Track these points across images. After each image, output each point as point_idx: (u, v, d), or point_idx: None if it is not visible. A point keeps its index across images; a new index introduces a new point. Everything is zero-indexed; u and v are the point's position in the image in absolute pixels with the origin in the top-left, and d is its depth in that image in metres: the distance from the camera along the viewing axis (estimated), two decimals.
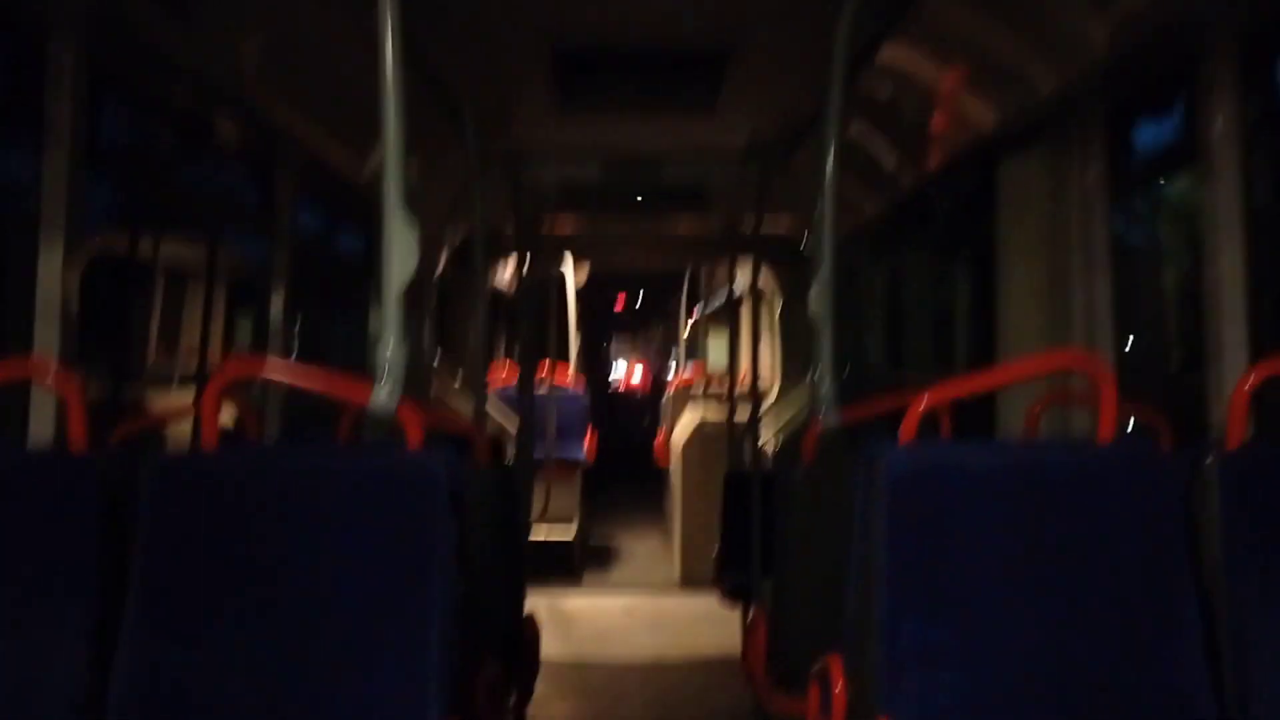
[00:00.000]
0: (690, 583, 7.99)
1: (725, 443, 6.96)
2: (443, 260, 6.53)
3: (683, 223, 7.37)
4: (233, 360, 4.63)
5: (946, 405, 3.21)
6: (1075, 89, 3.10)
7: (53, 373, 2.34)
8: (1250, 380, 2.16)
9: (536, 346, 7.44)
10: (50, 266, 2.67)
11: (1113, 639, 2.09)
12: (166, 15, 2.74)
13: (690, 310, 12.69)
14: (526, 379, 6.07)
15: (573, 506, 8.70)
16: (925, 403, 2.24)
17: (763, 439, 5.97)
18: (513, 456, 5.52)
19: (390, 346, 2.16)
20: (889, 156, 4.73)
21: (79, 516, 2.11)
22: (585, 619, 7.10)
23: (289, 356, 4.32)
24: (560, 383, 9.51)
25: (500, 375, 9.46)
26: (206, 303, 5.18)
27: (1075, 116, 3.47)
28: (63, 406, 2.27)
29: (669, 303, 15.06)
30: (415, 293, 2.18)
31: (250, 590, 2.05)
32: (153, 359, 5.28)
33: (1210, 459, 2.13)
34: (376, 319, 5.49)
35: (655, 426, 10.83)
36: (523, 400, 5.84)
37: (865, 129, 4.68)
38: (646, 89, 4.65)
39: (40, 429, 2.65)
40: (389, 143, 2.16)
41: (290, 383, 2.79)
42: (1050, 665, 2.08)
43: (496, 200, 5.55)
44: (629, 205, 6.59)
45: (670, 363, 16.34)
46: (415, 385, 6.24)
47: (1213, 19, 2.61)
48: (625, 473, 12.69)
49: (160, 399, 4.72)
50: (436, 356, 7.26)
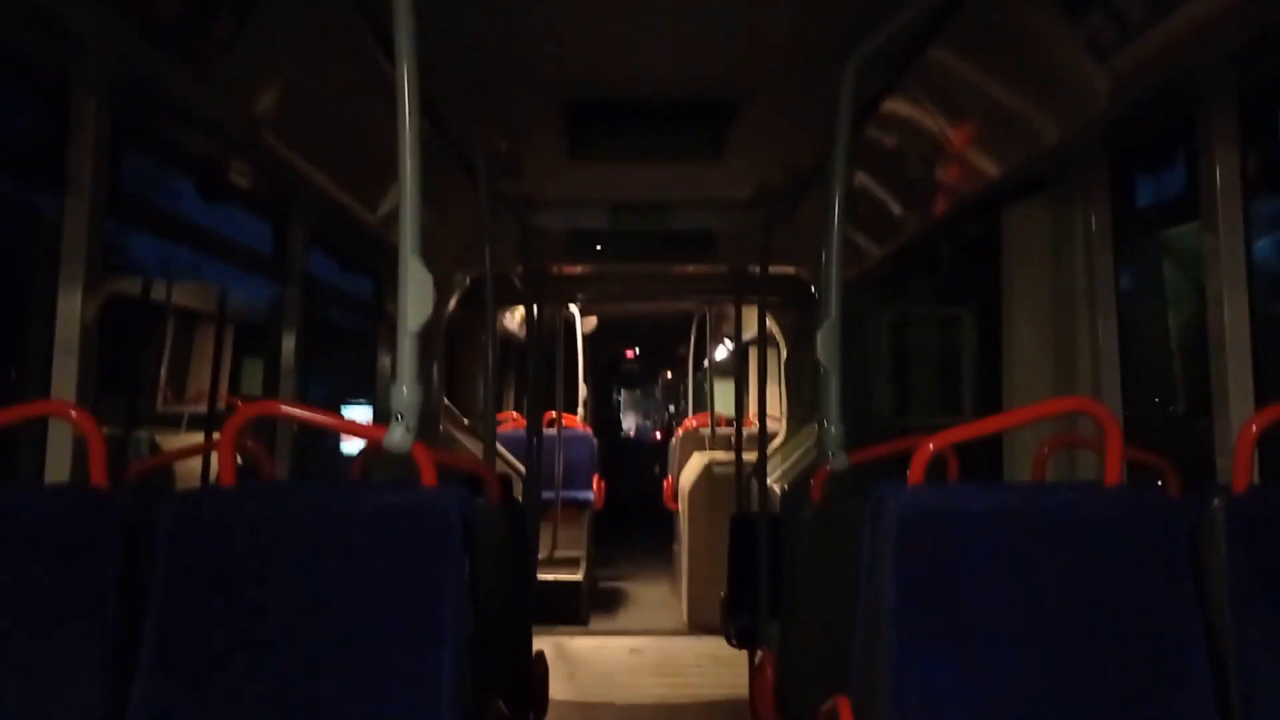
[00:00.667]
0: (697, 626, 7.97)
1: (733, 486, 6.97)
2: (452, 304, 6.58)
3: (690, 270, 7.42)
4: (251, 401, 4.67)
5: (953, 449, 3.23)
6: (1079, 140, 3.15)
7: (74, 411, 2.38)
8: (1255, 425, 2.18)
9: (544, 389, 7.47)
10: (69, 308, 2.72)
11: (1119, 682, 2.10)
12: (187, 69, 2.80)
13: (698, 357, 12.72)
14: (534, 419, 6.09)
15: (580, 548, 8.68)
16: (933, 446, 2.26)
17: (769, 481, 5.99)
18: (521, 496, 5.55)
19: (405, 387, 2.19)
20: (894, 205, 4.78)
21: (98, 552, 2.13)
22: (592, 661, 7.08)
23: (301, 398, 4.35)
24: (568, 423, 9.52)
25: (509, 420, 9.49)
26: (217, 345, 5.23)
27: (1079, 166, 3.51)
28: (80, 444, 2.30)
29: (676, 353, 15.09)
30: (425, 335, 2.22)
31: (265, 625, 2.07)
32: (162, 401, 5.32)
33: (1216, 502, 2.15)
34: (384, 361, 5.56)
35: (664, 473, 10.83)
36: (531, 440, 5.86)
37: (870, 178, 4.73)
38: (655, 138, 4.72)
39: (56, 466, 2.68)
40: (405, 190, 2.21)
41: (307, 423, 2.82)
42: (1056, 708, 2.09)
43: (506, 246, 5.61)
44: (636, 252, 6.65)
45: (677, 409, 16.33)
46: (425, 426, 6.27)
47: (1213, 74, 2.66)
48: (634, 519, 12.67)
49: (171, 440, 4.76)
50: (444, 398, 7.30)
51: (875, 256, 5.39)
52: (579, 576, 8.49)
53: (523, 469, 6.83)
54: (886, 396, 6.56)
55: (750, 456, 6.38)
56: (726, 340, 11.62)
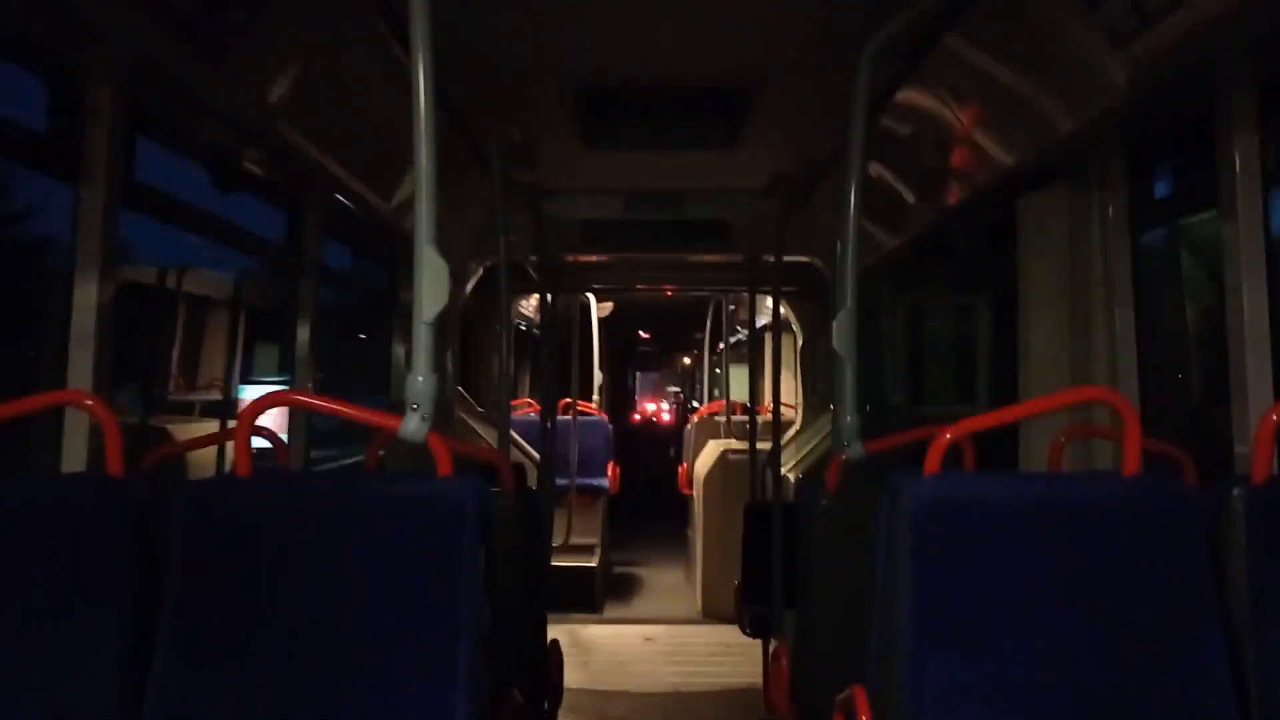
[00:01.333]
0: (712, 614, 7.97)
1: (747, 474, 6.97)
2: (467, 292, 6.59)
3: (705, 257, 7.41)
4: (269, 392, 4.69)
5: (970, 439, 3.22)
6: (1096, 127, 3.12)
7: (90, 400, 2.39)
8: (1276, 414, 2.17)
9: (560, 377, 7.47)
10: (85, 297, 2.73)
11: (1137, 673, 2.09)
12: (201, 58, 2.81)
13: (714, 344, 12.72)
14: (549, 405, 6.09)
15: (595, 534, 8.69)
16: (950, 436, 2.26)
17: (784, 470, 5.97)
18: (536, 483, 5.56)
19: (421, 376, 2.20)
20: (909, 193, 4.76)
21: (114, 541, 2.15)
22: (606, 649, 7.10)
23: (316, 386, 4.37)
24: (584, 409, 9.52)
25: (523, 406, 9.49)
26: (231, 333, 5.25)
27: (1096, 153, 3.49)
28: (96, 433, 2.31)
29: (692, 337, 15.08)
30: (440, 324, 2.22)
31: (280, 615, 2.08)
32: (175, 388, 5.34)
33: (1236, 492, 2.14)
34: (399, 350, 5.57)
35: (679, 459, 10.83)
36: (545, 426, 5.87)
37: (885, 166, 4.72)
38: (669, 126, 4.71)
39: (73, 455, 2.69)
40: (421, 179, 2.21)
41: (323, 412, 2.83)
42: (1074, 698, 2.08)
43: (521, 234, 5.61)
44: (651, 240, 6.64)
45: (693, 395, 16.34)
46: (440, 414, 6.27)
47: (1232, 61, 2.63)
48: (649, 505, 12.69)
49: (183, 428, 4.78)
50: (459, 386, 7.32)
51: (890, 245, 5.37)
52: (594, 563, 8.50)
53: (538, 456, 6.84)
54: (902, 386, 6.55)
55: (765, 444, 6.37)
56: (741, 328, 11.61)
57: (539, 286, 6.34)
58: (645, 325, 17.30)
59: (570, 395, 9.01)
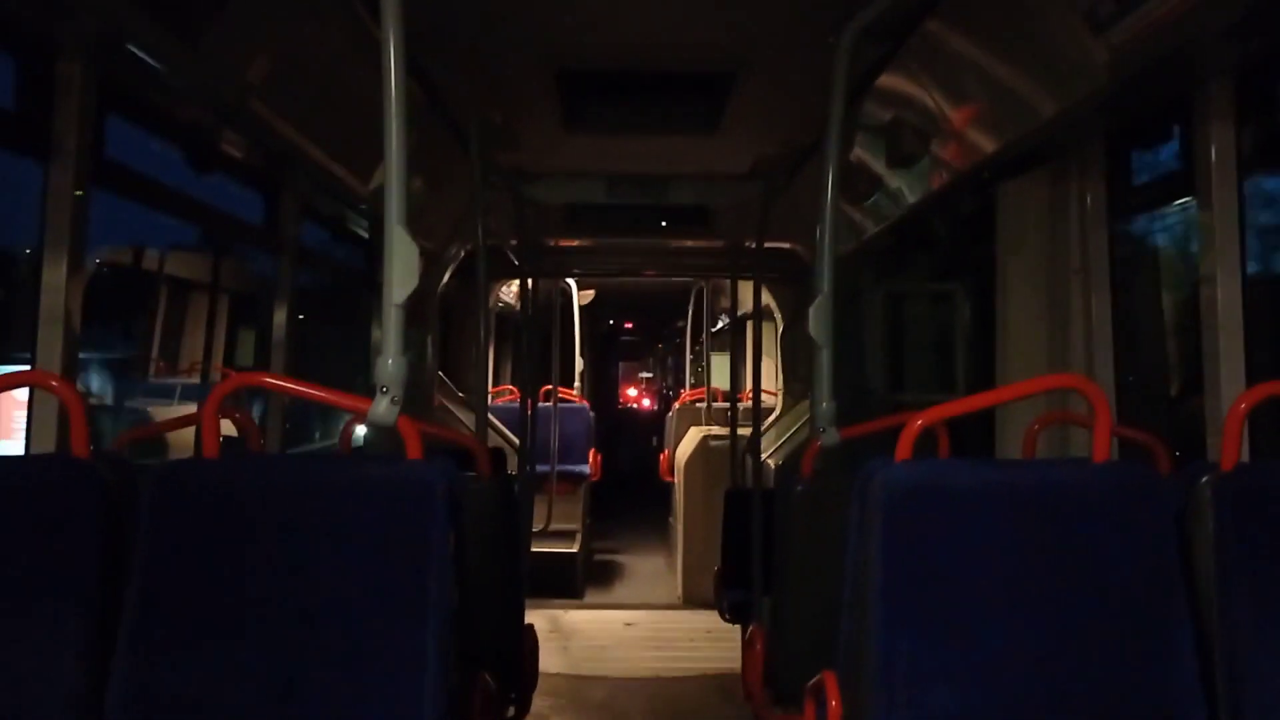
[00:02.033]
0: (692, 599, 7.99)
1: (728, 460, 6.97)
2: (447, 277, 6.56)
3: (687, 243, 7.41)
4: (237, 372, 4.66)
5: (944, 426, 3.23)
6: (1075, 114, 3.12)
7: (55, 381, 2.36)
8: (1245, 403, 2.18)
9: (540, 362, 7.44)
10: (54, 278, 2.70)
11: (1106, 658, 2.10)
12: (173, 36, 2.77)
13: (696, 331, 12.72)
14: (530, 392, 6.08)
15: (576, 521, 8.70)
16: (922, 421, 2.25)
17: (764, 456, 5.97)
18: (515, 469, 5.54)
19: (390, 359, 2.18)
20: (890, 179, 4.76)
21: (79, 521, 2.13)
22: (586, 634, 7.10)
23: (292, 369, 4.34)
24: (565, 395, 9.51)
25: (505, 393, 9.48)
26: (210, 316, 5.22)
27: (1075, 141, 3.49)
28: (64, 414, 2.29)
29: (675, 326, 15.07)
30: (419, 308, 2.20)
31: (248, 597, 2.07)
32: (156, 371, 5.31)
33: (1205, 479, 2.14)
34: (377, 333, 5.54)
35: (661, 447, 10.84)
36: (525, 412, 5.85)
37: (866, 152, 4.71)
38: (650, 110, 4.69)
39: (41, 437, 2.67)
40: (390, 159, 2.19)
41: (292, 394, 2.81)
42: (1043, 683, 2.09)
43: (502, 218, 5.58)
44: (633, 225, 6.62)
45: (675, 381, 16.34)
46: (418, 400, 6.26)
47: (1210, 49, 2.63)
48: (630, 492, 12.69)
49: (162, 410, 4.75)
50: (438, 372, 7.29)
51: (871, 232, 5.37)
52: (574, 549, 8.51)
53: (518, 442, 6.83)
54: (880, 372, 6.55)
55: (746, 431, 6.38)
56: (723, 315, 11.60)
57: (519, 271, 6.32)
58: (628, 314, 17.31)
59: (551, 382, 9.00)
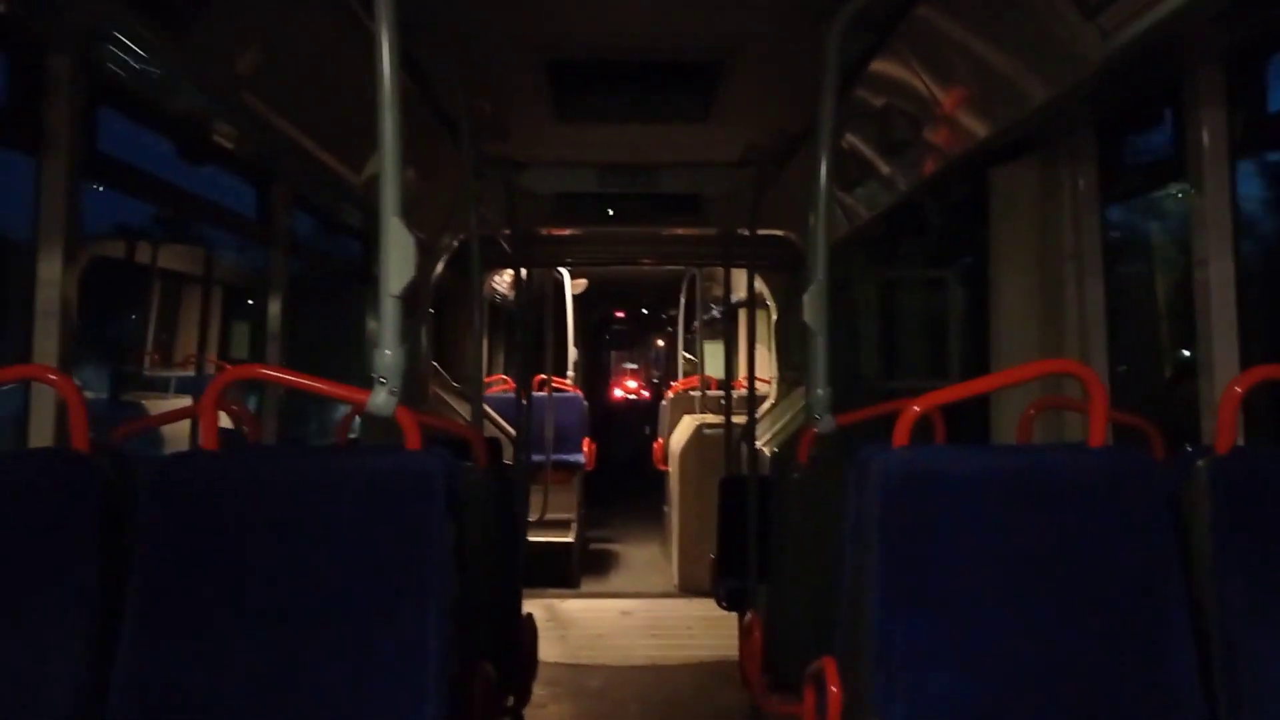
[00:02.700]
0: (688, 587, 8.01)
1: (722, 448, 6.98)
2: (440, 267, 6.55)
3: (679, 232, 7.40)
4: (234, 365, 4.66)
5: (940, 411, 3.24)
6: (1067, 100, 3.12)
7: (54, 375, 2.36)
8: (1240, 386, 2.18)
9: (534, 352, 7.44)
10: (50, 272, 2.69)
11: (1103, 642, 2.11)
12: (163, 27, 2.76)
13: (689, 319, 12.72)
14: (524, 381, 6.08)
15: (571, 510, 8.71)
16: (918, 408, 2.26)
17: (759, 444, 5.98)
18: (511, 459, 5.54)
19: (388, 351, 2.18)
20: (882, 166, 4.76)
21: (79, 516, 2.13)
22: (582, 622, 7.12)
23: (287, 361, 4.34)
24: (559, 385, 9.51)
25: (499, 383, 9.48)
26: (204, 309, 5.21)
27: (1067, 126, 3.49)
28: (62, 408, 2.29)
29: (667, 312, 15.07)
30: (412, 299, 2.20)
31: (247, 590, 2.07)
32: (150, 364, 5.30)
33: (1200, 463, 2.15)
34: (373, 324, 5.53)
35: (655, 436, 10.84)
36: (520, 402, 5.85)
37: (858, 139, 4.71)
38: (641, 99, 4.68)
39: (40, 431, 2.67)
40: (385, 151, 2.19)
41: (289, 385, 2.81)
42: (1040, 668, 2.10)
43: (493, 208, 5.58)
44: (625, 214, 6.62)
45: (668, 371, 16.35)
46: (413, 390, 6.26)
47: (1201, 33, 2.64)
48: (625, 481, 12.70)
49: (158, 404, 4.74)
50: (433, 362, 7.29)
51: (863, 218, 5.37)
52: (570, 539, 8.52)
53: (513, 432, 6.83)
54: (875, 359, 6.56)
55: (740, 419, 6.39)
56: (716, 304, 11.60)
57: (512, 260, 6.31)
58: (621, 304, 17.28)
59: (546, 372, 9.00)
